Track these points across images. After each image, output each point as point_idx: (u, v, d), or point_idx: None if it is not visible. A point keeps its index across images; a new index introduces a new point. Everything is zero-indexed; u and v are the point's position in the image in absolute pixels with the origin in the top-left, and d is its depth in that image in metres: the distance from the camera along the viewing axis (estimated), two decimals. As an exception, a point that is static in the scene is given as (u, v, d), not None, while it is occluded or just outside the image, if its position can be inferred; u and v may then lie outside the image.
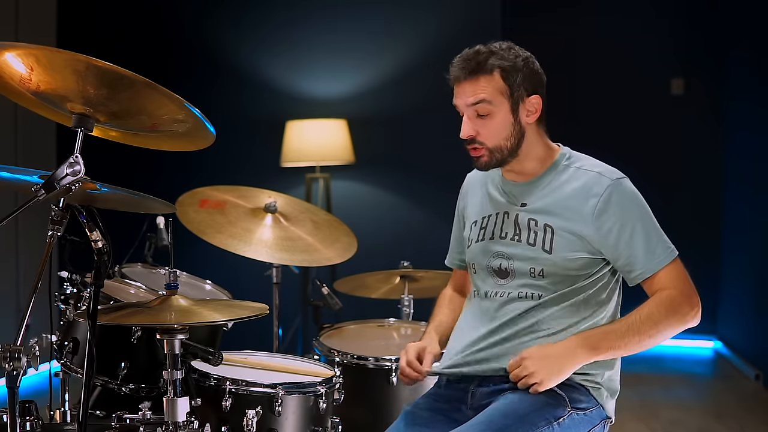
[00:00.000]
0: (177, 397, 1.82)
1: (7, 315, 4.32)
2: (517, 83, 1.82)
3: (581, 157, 1.92)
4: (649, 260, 1.80)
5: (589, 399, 1.83)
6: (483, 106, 1.82)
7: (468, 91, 1.83)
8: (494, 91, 1.82)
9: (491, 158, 1.86)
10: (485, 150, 1.85)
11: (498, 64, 1.81)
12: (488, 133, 1.84)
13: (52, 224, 1.59)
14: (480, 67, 1.82)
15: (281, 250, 2.76)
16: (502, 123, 1.83)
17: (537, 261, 1.84)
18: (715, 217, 5.65)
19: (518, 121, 1.84)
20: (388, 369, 2.32)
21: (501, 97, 1.82)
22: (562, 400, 1.79)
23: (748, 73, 5.17)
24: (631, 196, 1.83)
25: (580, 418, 1.80)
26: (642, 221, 1.82)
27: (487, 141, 1.84)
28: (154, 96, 1.54)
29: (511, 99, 1.83)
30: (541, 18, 5.63)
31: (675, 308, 1.78)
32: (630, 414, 3.98)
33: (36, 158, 4.58)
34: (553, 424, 1.76)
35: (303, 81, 4.99)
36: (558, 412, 1.78)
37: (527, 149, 1.87)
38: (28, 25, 4.56)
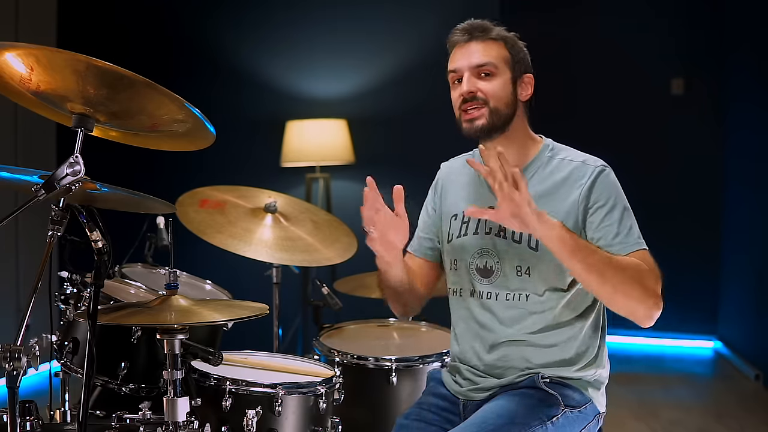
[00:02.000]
0: (177, 397, 1.82)
1: (7, 315, 4.32)
2: (518, 58, 1.87)
3: (564, 148, 1.92)
4: (622, 241, 1.77)
5: (581, 396, 1.84)
6: (488, 67, 1.84)
7: (475, 52, 1.85)
8: (500, 57, 1.85)
9: (489, 120, 1.83)
10: (486, 109, 1.83)
11: (504, 36, 1.88)
12: (491, 90, 1.84)
13: (52, 224, 1.59)
14: (488, 32, 1.87)
15: (281, 250, 2.76)
16: (504, 85, 1.85)
17: (523, 258, 1.83)
18: (715, 217, 5.65)
19: (515, 93, 1.87)
20: (388, 369, 2.32)
21: (504, 65, 1.86)
22: (555, 399, 1.79)
23: (748, 74, 5.18)
24: (614, 183, 1.83)
25: (575, 416, 1.81)
26: (620, 207, 1.81)
27: (489, 98, 1.83)
28: (154, 96, 1.54)
29: (513, 70, 1.86)
30: (541, 18, 5.62)
31: (645, 278, 1.69)
32: (630, 414, 3.99)
33: (36, 158, 4.58)
34: (547, 423, 1.76)
35: (303, 81, 4.99)
36: (551, 411, 1.78)
37: (514, 130, 1.88)
38: (28, 25, 4.56)
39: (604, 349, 1.91)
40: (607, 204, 1.79)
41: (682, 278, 5.59)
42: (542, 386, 1.81)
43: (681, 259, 5.57)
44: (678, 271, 5.58)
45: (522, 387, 1.84)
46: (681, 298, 5.60)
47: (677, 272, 5.64)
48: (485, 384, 1.88)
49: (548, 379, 1.83)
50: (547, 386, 1.81)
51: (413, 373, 2.35)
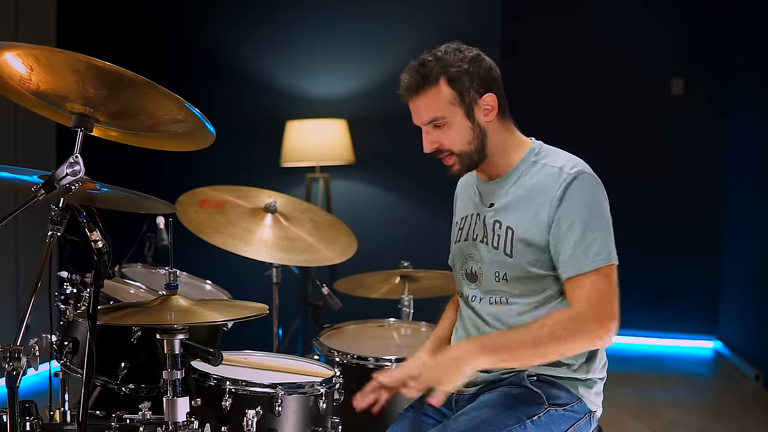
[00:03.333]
0: (177, 397, 1.82)
1: (7, 315, 4.32)
2: (466, 87, 1.79)
3: (550, 152, 1.87)
4: (573, 261, 1.73)
5: (568, 395, 1.82)
6: (438, 121, 1.81)
7: (420, 109, 1.83)
8: (444, 103, 1.80)
9: (462, 164, 1.85)
10: (454, 157, 1.84)
11: (443, 72, 1.79)
12: (449, 140, 1.82)
13: (52, 224, 1.58)
14: (425, 80, 1.80)
15: (281, 250, 2.76)
16: (460, 129, 1.81)
17: (500, 265, 1.84)
18: (715, 217, 5.65)
19: (477, 124, 1.82)
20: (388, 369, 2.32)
21: (452, 107, 1.80)
22: (539, 397, 1.78)
23: (748, 74, 5.18)
24: (583, 191, 1.76)
25: (560, 415, 1.79)
26: (584, 220, 1.74)
27: (452, 147, 1.83)
28: (154, 96, 1.54)
29: (463, 104, 1.80)
30: (541, 18, 5.63)
31: (581, 326, 1.68)
32: (630, 414, 3.99)
33: (36, 158, 4.58)
34: (526, 422, 1.75)
35: (303, 81, 4.99)
36: (532, 410, 1.77)
37: (494, 148, 1.85)
38: (28, 25, 4.56)
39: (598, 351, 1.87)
40: (570, 217, 1.74)
41: (682, 278, 5.60)
42: (527, 384, 1.81)
43: (681, 259, 5.57)
44: (678, 272, 5.60)
45: (507, 384, 1.83)
46: (681, 298, 5.61)
47: (677, 272, 5.66)
48: (474, 378, 1.87)
49: (535, 377, 1.82)
50: (532, 384, 1.80)
51: (413, 373, 2.35)
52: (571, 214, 1.74)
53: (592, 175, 1.79)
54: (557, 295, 1.82)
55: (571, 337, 1.68)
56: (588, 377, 1.84)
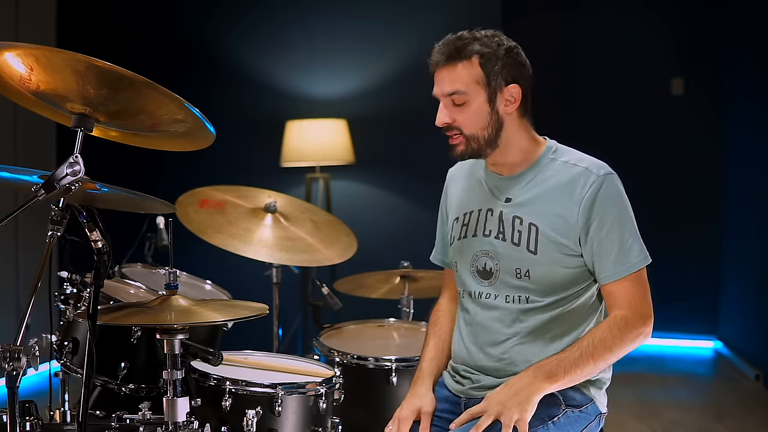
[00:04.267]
0: (177, 397, 1.82)
1: (7, 315, 4.32)
2: (495, 71, 1.78)
3: (567, 150, 1.87)
4: (617, 265, 1.77)
5: (582, 396, 1.83)
6: (458, 96, 1.78)
7: (445, 79, 1.80)
8: (470, 80, 1.78)
9: (467, 146, 1.82)
10: (462, 137, 1.81)
11: (477, 50, 1.77)
12: (464, 120, 1.80)
13: (52, 224, 1.58)
14: (459, 53, 1.78)
15: (281, 250, 2.76)
16: (478, 111, 1.79)
17: (522, 261, 1.81)
18: (715, 217, 5.65)
19: (495, 111, 1.80)
20: (388, 369, 2.32)
21: (477, 86, 1.78)
22: (556, 399, 1.79)
23: (748, 74, 5.18)
24: (616, 194, 1.78)
25: (576, 416, 1.80)
26: (621, 223, 1.77)
27: (463, 128, 1.80)
28: (154, 96, 1.54)
29: (488, 87, 1.78)
30: (541, 18, 5.63)
31: (629, 329, 1.76)
32: (630, 414, 3.99)
33: (36, 158, 4.58)
34: (548, 423, 1.76)
35: (303, 81, 4.99)
36: (552, 411, 1.77)
37: (508, 140, 1.83)
38: (28, 25, 4.56)
39: None
40: (607, 221, 1.76)
41: (683, 278, 5.59)
42: None
43: (681, 259, 5.57)
44: (678, 272, 5.59)
45: None
46: (681, 298, 5.61)
47: (677, 273, 5.65)
48: (486, 382, 1.86)
49: None
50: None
51: (413, 373, 2.34)
52: (608, 217, 1.76)
53: (616, 175, 1.81)
54: (581, 292, 1.82)
55: (621, 343, 1.76)
56: (598, 377, 1.85)
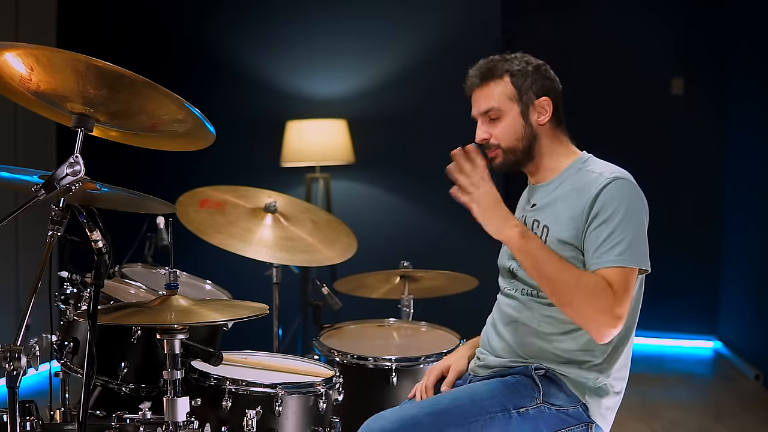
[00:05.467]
0: (177, 397, 1.82)
1: (7, 315, 4.32)
2: (526, 86, 1.90)
3: (596, 162, 1.92)
4: (596, 257, 1.76)
5: (569, 398, 1.82)
6: (493, 112, 1.90)
7: (480, 100, 1.93)
8: (503, 96, 1.90)
9: (505, 158, 1.92)
10: (499, 150, 1.91)
11: (507, 68, 1.91)
12: (500, 134, 1.91)
13: (52, 224, 1.58)
14: (490, 73, 1.91)
15: (281, 250, 2.76)
16: (512, 125, 1.90)
17: None
18: (715, 217, 5.65)
19: (529, 123, 1.91)
20: (388, 369, 2.32)
21: (510, 102, 1.90)
22: (536, 390, 1.80)
23: (748, 74, 5.17)
24: (619, 195, 1.79)
25: (551, 414, 1.80)
26: (617, 218, 1.76)
27: (500, 141, 1.91)
28: (154, 96, 1.54)
29: (521, 102, 1.90)
30: (540, 18, 5.63)
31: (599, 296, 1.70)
32: (630, 414, 3.98)
33: (36, 158, 4.58)
34: (512, 411, 1.77)
35: (303, 81, 4.99)
36: (524, 401, 1.79)
37: (542, 151, 1.93)
38: (28, 25, 4.56)
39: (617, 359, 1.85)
40: (601, 215, 1.78)
41: (683, 278, 5.59)
42: (532, 375, 1.82)
43: (681, 259, 5.57)
44: (678, 272, 5.59)
45: (514, 373, 1.87)
46: (681, 298, 5.61)
47: (677, 272, 5.65)
48: (489, 361, 1.94)
49: (543, 371, 1.84)
50: (537, 377, 1.82)
51: (413, 373, 2.35)
52: (604, 213, 1.78)
53: (632, 182, 1.83)
54: None
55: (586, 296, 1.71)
56: (599, 385, 1.83)
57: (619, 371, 1.87)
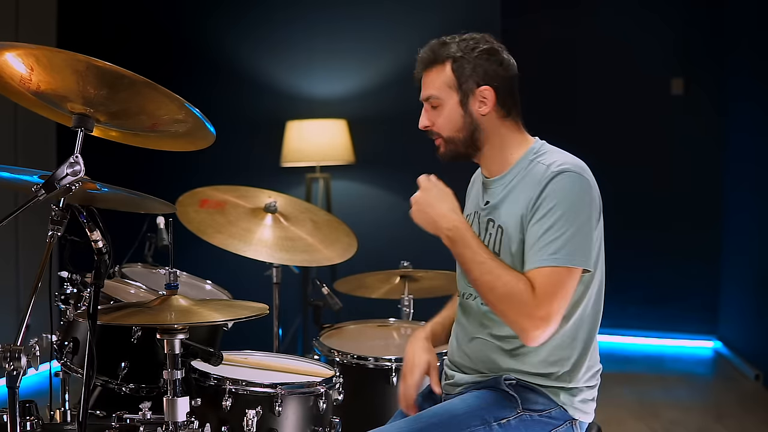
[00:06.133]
0: (177, 397, 1.82)
1: (7, 315, 4.32)
2: (466, 74, 1.81)
3: (549, 151, 1.83)
4: (530, 257, 1.71)
5: (547, 401, 1.78)
6: (434, 100, 1.85)
7: (423, 85, 1.88)
8: (442, 84, 1.83)
9: (446, 149, 1.87)
10: (441, 140, 1.87)
11: (450, 54, 1.82)
12: (441, 123, 1.85)
13: (52, 224, 1.58)
14: (435, 58, 1.84)
15: (281, 250, 2.76)
16: (451, 114, 1.84)
17: None
18: (715, 217, 5.65)
19: (469, 113, 1.82)
20: (388, 369, 2.32)
21: (449, 90, 1.83)
22: (513, 400, 1.76)
23: (748, 74, 5.18)
24: (562, 190, 1.71)
25: (534, 420, 1.76)
26: (553, 217, 1.70)
27: (441, 131, 1.86)
28: (154, 96, 1.54)
29: (460, 91, 1.82)
30: (540, 18, 5.63)
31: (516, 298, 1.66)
32: (630, 414, 3.99)
33: (36, 158, 4.58)
34: (492, 424, 1.73)
35: (303, 81, 4.99)
36: (503, 412, 1.75)
37: (490, 143, 1.85)
38: (28, 25, 4.56)
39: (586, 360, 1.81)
40: (540, 211, 1.72)
41: (682, 278, 5.59)
42: (504, 387, 1.78)
43: (681, 259, 5.57)
44: (678, 272, 5.60)
45: (484, 387, 1.81)
46: (681, 298, 5.61)
47: (677, 272, 5.65)
48: (457, 379, 1.89)
49: (514, 381, 1.79)
50: (508, 388, 1.78)
51: (413, 373, 2.34)
52: (543, 208, 1.71)
53: (579, 174, 1.73)
54: None
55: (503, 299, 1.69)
56: (572, 386, 1.80)
57: (589, 370, 1.82)
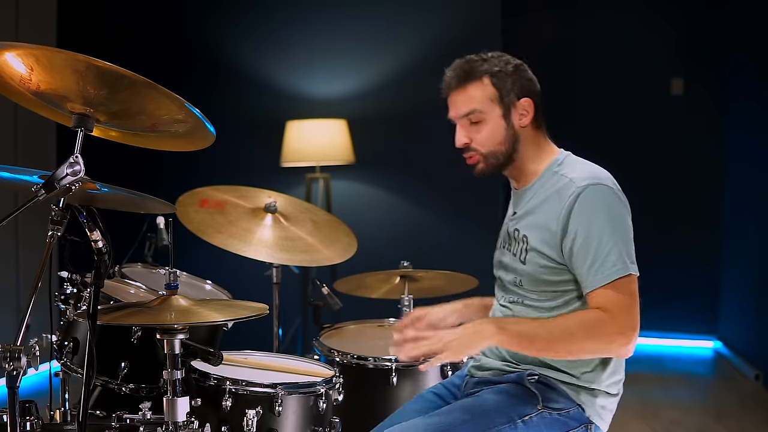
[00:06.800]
0: (177, 397, 1.82)
1: (7, 315, 4.32)
2: (507, 88, 1.84)
3: (572, 162, 1.88)
4: (590, 277, 1.73)
5: (567, 400, 1.81)
6: (475, 115, 1.84)
7: (459, 102, 1.86)
8: (484, 98, 1.84)
9: (486, 164, 1.88)
10: (479, 156, 1.88)
11: (487, 69, 1.84)
12: (482, 139, 1.86)
13: (52, 224, 1.58)
14: (469, 75, 1.85)
15: (281, 250, 2.76)
16: (494, 128, 1.85)
17: (516, 272, 1.88)
18: (715, 217, 5.65)
19: (511, 126, 1.86)
20: (388, 369, 2.32)
21: (491, 104, 1.85)
22: (534, 398, 1.79)
23: (748, 74, 5.17)
24: (594, 204, 1.75)
25: (553, 419, 1.79)
26: (597, 232, 1.73)
27: (481, 147, 1.86)
28: (154, 96, 1.54)
29: (502, 104, 1.84)
30: (541, 18, 5.63)
31: (597, 329, 1.69)
32: (630, 414, 3.98)
33: (36, 158, 4.58)
34: (517, 421, 1.76)
35: (303, 81, 4.99)
36: (526, 409, 1.77)
37: (524, 154, 1.88)
38: (28, 25, 4.56)
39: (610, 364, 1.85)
40: (582, 231, 1.74)
41: (683, 279, 5.59)
42: (527, 384, 1.81)
43: (681, 259, 5.57)
44: (678, 272, 5.60)
45: (508, 381, 1.85)
46: (681, 298, 5.61)
47: (677, 273, 5.65)
48: (483, 362, 1.94)
49: (536, 377, 1.82)
50: (531, 384, 1.81)
51: (413, 373, 2.35)
52: (583, 227, 1.74)
53: (606, 185, 1.78)
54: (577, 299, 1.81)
55: (586, 338, 1.69)
56: (594, 386, 1.82)
57: (611, 377, 1.85)
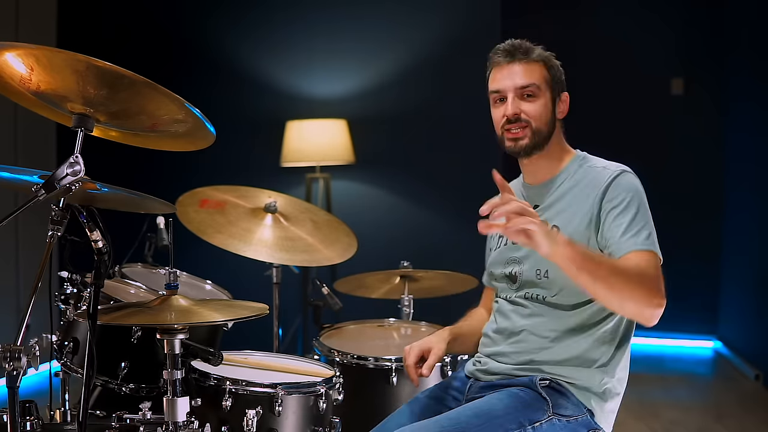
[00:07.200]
0: (177, 397, 1.82)
1: (7, 315, 4.32)
2: (557, 78, 1.93)
3: (595, 158, 1.96)
4: (625, 240, 1.74)
5: (576, 407, 1.81)
6: (532, 88, 1.89)
7: (521, 73, 1.90)
8: (542, 78, 1.90)
9: (531, 140, 1.90)
10: (528, 130, 1.89)
11: (542, 56, 1.92)
12: (534, 112, 1.89)
13: (52, 224, 1.58)
14: (531, 54, 1.91)
15: (281, 250, 2.76)
16: (545, 106, 1.90)
17: (542, 262, 1.84)
18: (715, 217, 5.66)
19: (554, 113, 1.92)
20: (388, 369, 2.32)
21: (546, 86, 1.91)
22: (545, 403, 1.79)
23: (748, 74, 5.18)
24: (629, 185, 1.82)
25: (562, 425, 1.79)
26: (634, 208, 1.78)
27: (533, 119, 1.89)
28: (154, 96, 1.54)
29: (553, 90, 1.92)
30: (541, 19, 5.62)
31: (647, 281, 1.66)
32: (630, 414, 3.99)
33: (36, 158, 4.58)
34: (527, 427, 1.75)
35: (303, 81, 5.00)
36: (536, 415, 1.77)
37: (553, 144, 1.93)
38: (28, 25, 4.56)
39: (620, 360, 1.86)
40: (620, 204, 1.79)
41: (683, 278, 5.58)
42: (537, 388, 1.81)
43: (681, 259, 5.55)
44: (678, 271, 5.57)
45: (518, 385, 1.85)
46: (681, 298, 5.59)
47: (677, 272, 5.63)
48: (491, 367, 1.93)
49: (547, 381, 1.83)
50: (542, 389, 1.81)
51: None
52: (622, 201, 1.79)
53: (635, 175, 1.86)
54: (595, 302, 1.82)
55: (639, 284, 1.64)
56: (604, 388, 1.83)
57: (621, 371, 1.88)
